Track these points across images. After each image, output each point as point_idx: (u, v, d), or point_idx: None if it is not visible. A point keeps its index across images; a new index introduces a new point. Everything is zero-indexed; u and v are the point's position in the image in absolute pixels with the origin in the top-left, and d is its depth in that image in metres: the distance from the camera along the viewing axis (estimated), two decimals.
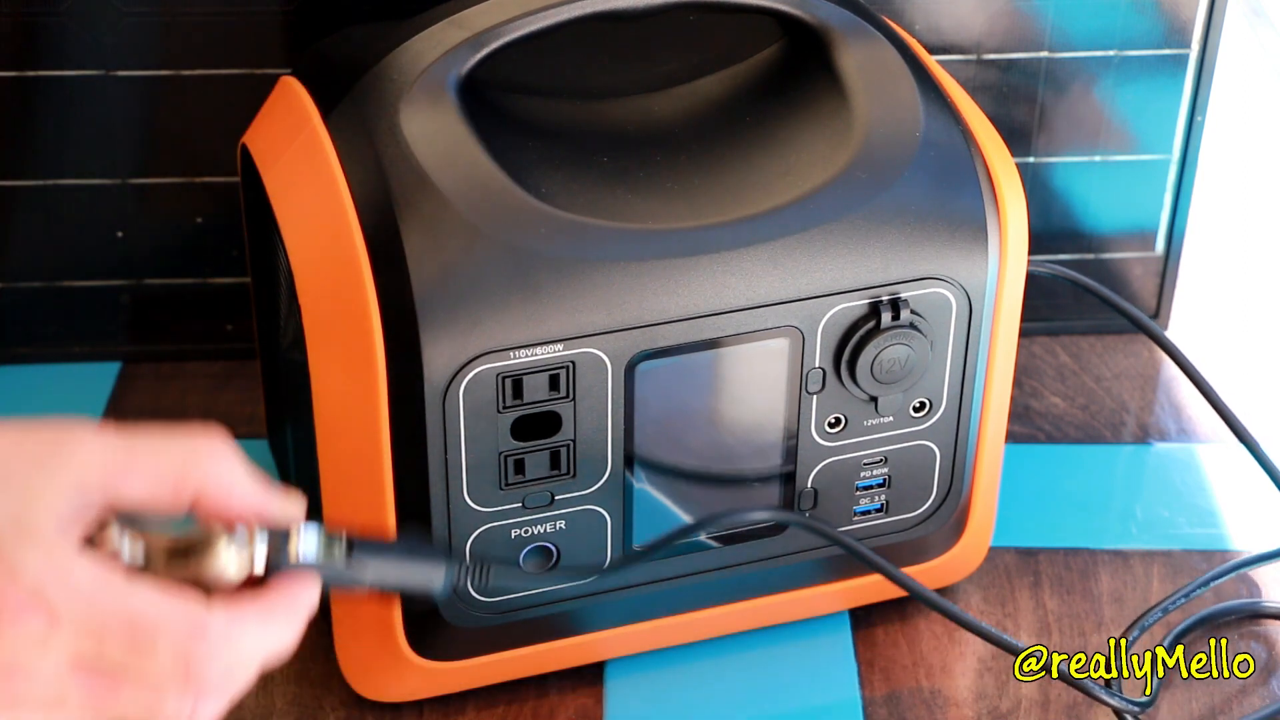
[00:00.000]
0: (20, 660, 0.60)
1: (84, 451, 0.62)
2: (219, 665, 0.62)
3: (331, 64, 0.86)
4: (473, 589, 0.82)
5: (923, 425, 0.86)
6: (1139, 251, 1.10)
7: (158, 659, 0.61)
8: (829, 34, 0.85)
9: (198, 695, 0.62)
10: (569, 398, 0.79)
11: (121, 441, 0.63)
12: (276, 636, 0.64)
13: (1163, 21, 1.02)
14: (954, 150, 0.84)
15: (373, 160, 0.79)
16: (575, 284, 0.78)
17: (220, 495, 0.64)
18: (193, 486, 0.64)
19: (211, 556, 0.64)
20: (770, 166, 0.83)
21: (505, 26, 0.81)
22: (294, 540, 0.66)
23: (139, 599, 0.61)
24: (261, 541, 0.65)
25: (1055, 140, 1.06)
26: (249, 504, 0.65)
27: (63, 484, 0.62)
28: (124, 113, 1.00)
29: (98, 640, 0.60)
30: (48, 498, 0.61)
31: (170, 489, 0.64)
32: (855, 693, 0.89)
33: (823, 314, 0.81)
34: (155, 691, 0.62)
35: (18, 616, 0.59)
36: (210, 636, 0.61)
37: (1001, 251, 0.83)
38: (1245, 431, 0.96)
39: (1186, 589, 0.91)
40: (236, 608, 0.63)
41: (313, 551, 0.66)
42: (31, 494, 0.61)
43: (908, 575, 0.85)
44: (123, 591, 0.61)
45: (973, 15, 1.01)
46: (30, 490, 0.61)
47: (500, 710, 0.88)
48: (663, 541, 0.82)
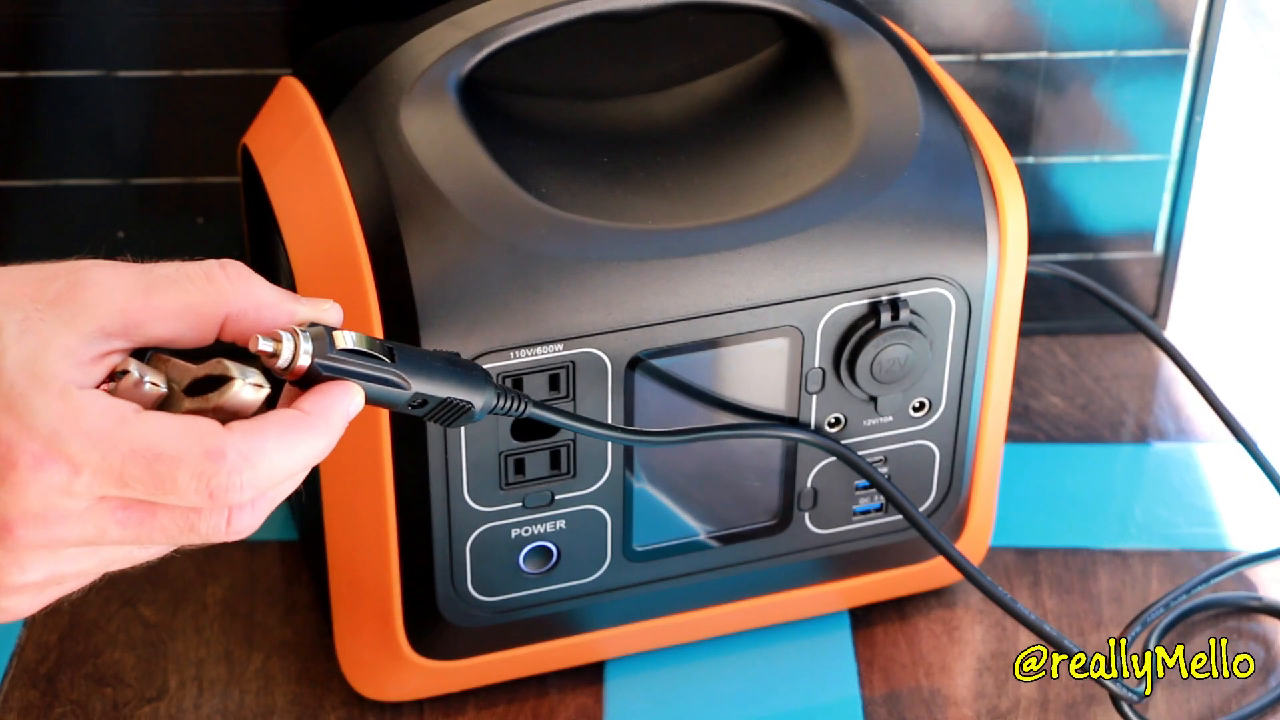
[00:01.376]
0: (51, 507, 0.61)
1: (102, 293, 0.63)
2: (241, 481, 0.62)
3: (332, 64, 0.86)
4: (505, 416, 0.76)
5: (922, 425, 0.86)
6: (1138, 251, 1.10)
7: (179, 486, 0.62)
8: (828, 34, 0.85)
9: (228, 511, 0.63)
10: (569, 397, 0.79)
11: (140, 280, 0.64)
12: (307, 447, 0.64)
13: (1162, 22, 1.02)
14: (953, 150, 0.84)
15: (373, 160, 0.79)
16: (575, 284, 0.78)
17: (248, 317, 0.65)
18: (220, 315, 0.65)
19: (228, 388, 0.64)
20: (770, 166, 0.83)
21: (505, 27, 0.81)
22: (333, 338, 0.65)
23: (152, 433, 0.62)
24: (290, 343, 0.64)
25: (1054, 140, 1.06)
26: (280, 317, 0.65)
27: (83, 329, 0.62)
28: (124, 113, 1.00)
29: (118, 477, 0.61)
30: (65, 341, 0.62)
31: (194, 322, 0.64)
32: (855, 692, 0.89)
33: (822, 314, 0.81)
34: (187, 513, 0.63)
35: (39, 466, 0.60)
36: (228, 456, 0.62)
37: (1001, 251, 0.83)
38: (1243, 431, 0.96)
39: (1186, 586, 0.91)
40: (255, 425, 0.63)
41: (351, 345, 0.66)
42: (47, 339, 0.62)
43: (956, 550, 0.85)
44: (136, 428, 0.61)
45: (972, 15, 1.01)
46: (46, 335, 0.62)
47: (500, 710, 0.88)
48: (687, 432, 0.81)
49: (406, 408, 0.68)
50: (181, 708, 0.88)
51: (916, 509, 0.84)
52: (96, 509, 0.62)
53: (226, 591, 0.94)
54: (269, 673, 0.89)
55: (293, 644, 0.91)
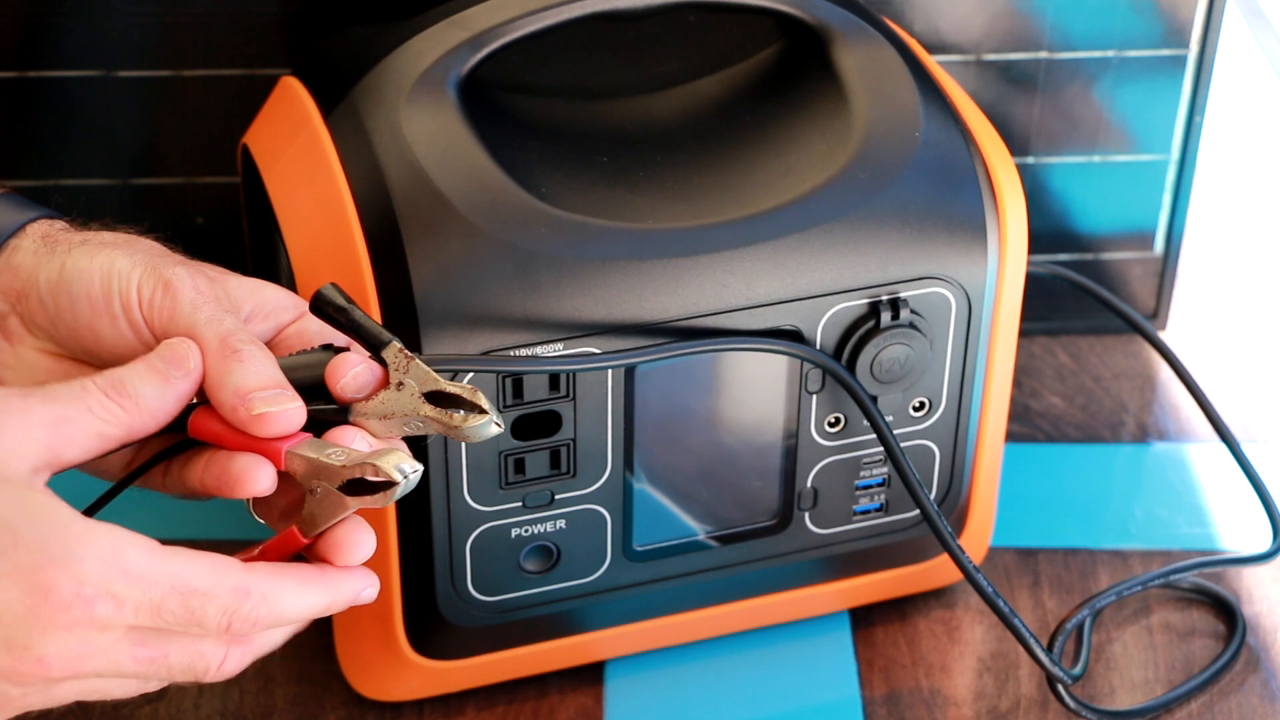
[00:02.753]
0: (87, 642, 0.63)
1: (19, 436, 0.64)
2: (259, 622, 0.65)
3: (331, 64, 0.86)
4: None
5: (922, 425, 0.86)
6: (1138, 252, 1.10)
7: (208, 618, 0.64)
8: (828, 34, 0.85)
9: (232, 647, 0.66)
10: (569, 397, 0.79)
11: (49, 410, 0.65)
12: (315, 599, 0.67)
13: (1161, 22, 1.02)
14: (953, 150, 0.84)
15: (373, 160, 0.79)
16: (575, 284, 0.78)
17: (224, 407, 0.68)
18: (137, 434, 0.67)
19: (467, 420, 0.68)
20: (770, 166, 0.83)
21: (505, 26, 0.81)
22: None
23: (187, 568, 0.64)
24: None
25: (1054, 141, 1.06)
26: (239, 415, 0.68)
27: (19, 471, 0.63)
28: (124, 113, 1.00)
29: (155, 612, 0.63)
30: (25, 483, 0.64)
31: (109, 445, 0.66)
32: (855, 692, 0.89)
33: (822, 314, 0.81)
34: (198, 644, 0.65)
35: (89, 609, 0.62)
36: (253, 595, 0.65)
37: (1001, 251, 0.83)
38: (1228, 432, 0.97)
39: (1142, 578, 0.92)
40: (278, 569, 0.66)
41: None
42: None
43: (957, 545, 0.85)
44: (171, 564, 0.63)
45: (972, 15, 1.01)
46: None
47: (500, 710, 0.88)
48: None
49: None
50: (181, 708, 0.88)
51: (917, 475, 0.84)
52: (121, 641, 0.64)
53: None
54: (269, 673, 0.89)
55: (293, 644, 0.91)
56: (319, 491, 0.66)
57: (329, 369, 0.69)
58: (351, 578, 0.68)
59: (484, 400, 0.68)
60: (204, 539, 0.90)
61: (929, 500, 0.83)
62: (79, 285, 0.70)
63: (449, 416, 0.68)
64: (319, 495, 0.67)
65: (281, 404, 0.67)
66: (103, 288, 0.70)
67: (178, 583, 0.63)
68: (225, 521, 0.92)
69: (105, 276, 0.70)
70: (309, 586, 0.66)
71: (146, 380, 0.66)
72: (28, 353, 0.72)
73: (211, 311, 0.69)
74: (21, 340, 0.72)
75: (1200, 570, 0.94)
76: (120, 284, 0.70)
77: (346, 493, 0.66)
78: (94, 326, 0.70)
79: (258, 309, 0.72)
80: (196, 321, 0.69)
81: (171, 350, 0.68)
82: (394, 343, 0.69)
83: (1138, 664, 0.91)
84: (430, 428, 0.68)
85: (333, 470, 0.66)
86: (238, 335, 0.68)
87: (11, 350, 0.72)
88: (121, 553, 0.63)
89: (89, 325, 0.70)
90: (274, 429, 0.67)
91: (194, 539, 0.85)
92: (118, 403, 0.66)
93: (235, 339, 0.68)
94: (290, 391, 0.68)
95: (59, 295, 0.70)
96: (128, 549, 0.63)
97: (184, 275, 0.70)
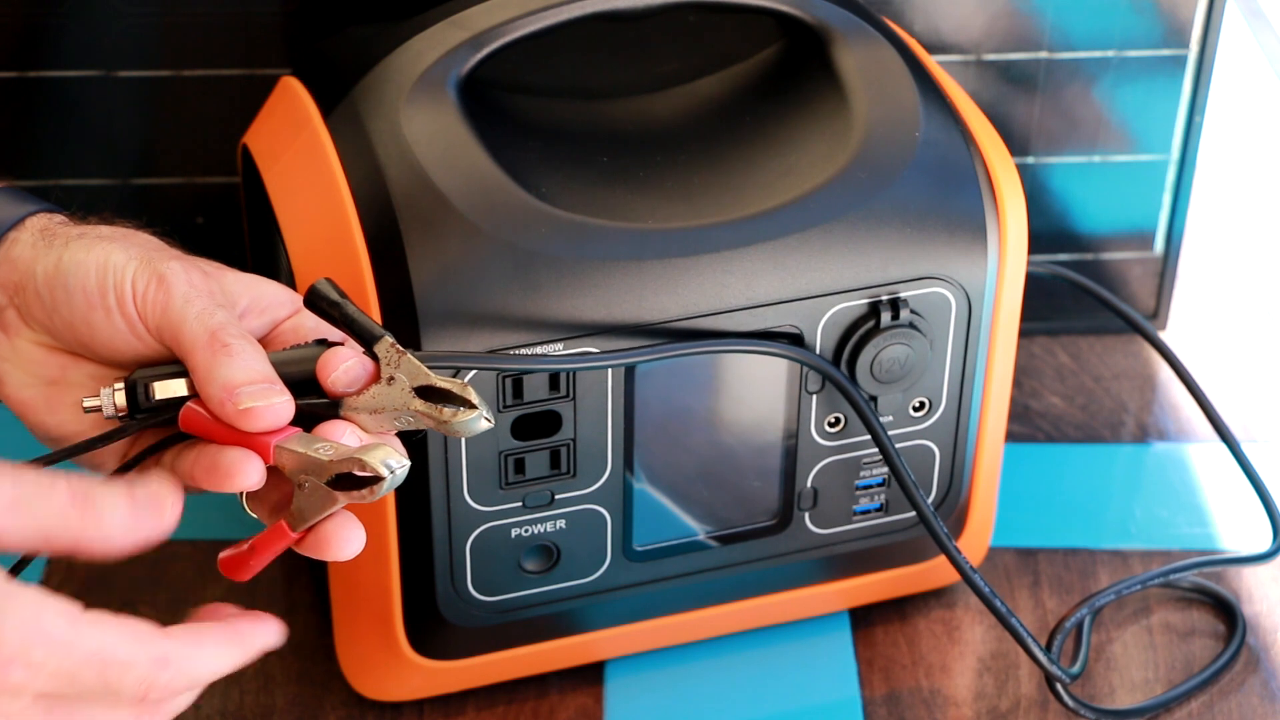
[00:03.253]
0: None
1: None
2: (175, 687, 0.63)
3: (331, 64, 0.86)
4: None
5: (922, 425, 0.86)
6: (1138, 252, 1.10)
7: (124, 691, 0.62)
8: (828, 34, 0.85)
9: (143, 715, 0.63)
10: (569, 397, 0.79)
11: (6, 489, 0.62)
12: (227, 659, 0.65)
13: (1161, 22, 1.02)
14: (953, 150, 0.84)
15: (373, 160, 0.79)
16: (575, 284, 0.78)
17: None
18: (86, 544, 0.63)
19: (456, 415, 0.68)
20: (770, 166, 0.83)
21: (505, 26, 0.81)
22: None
23: (106, 637, 0.62)
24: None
25: (1054, 140, 1.06)
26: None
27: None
28: (124, 113, 1.00)
29: (70, 680, 0.61)
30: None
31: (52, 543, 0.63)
32: (855, 692, 0.89)
33: (822, 314, 0.81)
34: (110, 713, 0.63)
35: (3, 675, 0.60)
36: (171, 665, 0.63)
37: (1001, 251, 0.83)
38: (1228, 432, 0.97)
39: (1143, 577, 0.91)
40: (197, 633, 0.64)
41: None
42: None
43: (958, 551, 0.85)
44: (90, 632, 0.61)
45: (972, 15, 1.01)
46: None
47: (500, 710, 0.88)
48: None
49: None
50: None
51: (913, 476, 0.84)
52: (30, 708, 0.61)
53: (226, 592, 0.93)
54: (269, 673, 0.89)
55: (293, 644, 0.91)
56: (307, 486, 0.66)
57: (320, 363, 0.69)
58: (260, 629, 0.66)
59: (474, 395, 0.68)
60: (201, 539, 0.90)
61: (925, 502, 0.83)
62: (75, 278, 0.70)
63: (439, 411, 0.68)
64: (307, 490, 0.66)
65: (269, 398, 0.67)
66: (98, 281, 0.70)
67: (97, 652, 0.61)
68: (221, 520, 0.92)
69: (101, 270, 0.70)
70: (224, 648, 0.65)
71: (118, 508, 0.63)
72: (25, 345, 0.72)
73: (203, 306, 0.69)
74: (19, 333, 0.72)
75: (1200, 570, 0.94)
76: (115, 277, 0.70)
77: (334, 488, 0.66)
78: (89, 319, 0.70)
79: (254, 304, 0.72)
80: (188, 316, 0.68)
81: (152, 491, 0.65)
82: (386, 337, 0.69)
83: (1137, 663, 0.91)
84: (420, 422, 0.68)
85: (320, 465, 0.66)
86: (228, 330, 0.68)
87: (9, 343, 0.72)
88: (41, 619, 0.60)
89: (84, 318, 0.70)
90: (261, 423, 0.66)
91: (192, 539, 0.86)
92: (79, 513, 0.63)
93: (225, 333, 0.68)
94: (278, 386, 0.67)
95: (55, 288, 0.70)
96: (48, 615, 0.61)
97: (178, 269, 0.70)
